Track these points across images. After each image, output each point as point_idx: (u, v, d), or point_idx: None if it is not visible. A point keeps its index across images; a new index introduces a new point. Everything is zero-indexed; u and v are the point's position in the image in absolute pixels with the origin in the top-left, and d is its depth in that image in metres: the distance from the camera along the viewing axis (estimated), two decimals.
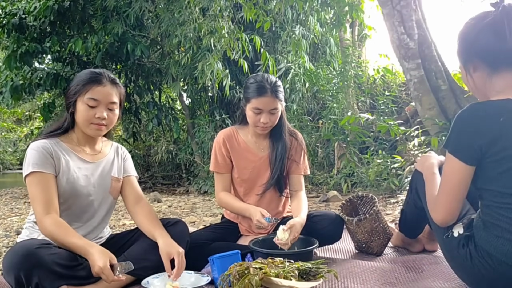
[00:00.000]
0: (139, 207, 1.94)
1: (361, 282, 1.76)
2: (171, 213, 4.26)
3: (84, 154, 1.88)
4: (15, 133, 14.60)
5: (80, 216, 1.85)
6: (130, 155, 2.10)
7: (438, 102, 4.68)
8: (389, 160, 4.42)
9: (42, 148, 1.76)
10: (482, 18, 1.44)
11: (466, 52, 1.49)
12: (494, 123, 1.37)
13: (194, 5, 5.22)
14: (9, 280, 1.60)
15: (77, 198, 1.82)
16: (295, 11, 6.18)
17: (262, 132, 2.19)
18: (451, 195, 1.48)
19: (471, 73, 1.49)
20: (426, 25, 4.88)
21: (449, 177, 1.48)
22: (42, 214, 1.68)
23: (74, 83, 1.82)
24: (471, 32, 1.47)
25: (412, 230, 2.16)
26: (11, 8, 6.49)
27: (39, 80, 6.61)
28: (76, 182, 1.80)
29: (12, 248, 1.65)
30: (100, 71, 1.85)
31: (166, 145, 7.42)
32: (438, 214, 1.54)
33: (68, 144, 1.85)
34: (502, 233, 1.40)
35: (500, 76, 1.43)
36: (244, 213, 2.15)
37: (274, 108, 2.11)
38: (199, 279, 1.77)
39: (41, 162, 1.73)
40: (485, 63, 1.45)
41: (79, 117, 1.81)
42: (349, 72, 5.92)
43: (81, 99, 1.79)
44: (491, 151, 1.38)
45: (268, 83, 2.10)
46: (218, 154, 2.25)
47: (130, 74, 7.22)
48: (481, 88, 1.49)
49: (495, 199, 1.42)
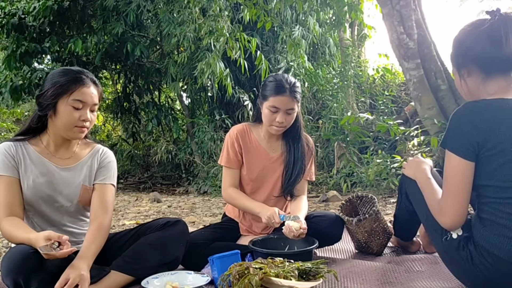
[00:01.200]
0: (94, 223, 1.75)
1: (360, 282, 1.76)
2: (171, 213, 4.26)
3: (53, 159, 1.79)
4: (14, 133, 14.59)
5: (51, 220, 1.80)
6: (113, 163, 1.91)
7: (437, 102, 4.68)
8: (389, 160, 4.42)
9: (5, 151, 1.71)
10: (478, 26, 1.48)
11: (462, 57, 1.53)
12: (489, 117, 1.41)
13: (193, 5, 5.22)
14: (8, 283, 1.57)
15: (42, 204, 1.76)
16: (295, 11, 6.18)
17: (276, 132, 2.17)
18: (457, 195, 1.46)
19: (464, 77, 1.54)
20: (425, 25, 4.88)
21: (453, 176, 1.46)
22: (1, 217, 1.65)
23: (53, 84, 1.70)
24: (467, 38, 1.51)
25: (406, 234, 2.18)
26: (10, 8, 6.48)
27: (38, 80, 6.61)
28: (38, 188, 1.74)
29: (10, 250, 1.61)
30: (79, 69, 1.77)
31: (166, 145, 7.41)
32: (447, 217, 1.49)
33: (36, 148, 1.78)
34: (502, 231, 1.40)
35: (494, 80, 1.48)
36: (253, 210, 2.12)
37: (291, 108, 2.11)
38: (199, 279, 1.77)
39: (3, 165, 1.69)
40: (480, 68, 1.49)
41: (62, 120, 1.71)
42: (349, 71, 5.92)
43: (64, 101, 1.69)
44: (488, 145, 1.40)
45: (287, 83, 2.10)
46: (231, 149, 2.23)
47: (129, 74, 7.23)
48: (474, 92, 1.53)
49: (494, 195, 1.43)
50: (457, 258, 1.51)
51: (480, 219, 1.48)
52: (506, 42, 1.42)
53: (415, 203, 1.80)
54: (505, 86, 1.47)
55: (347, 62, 6.07)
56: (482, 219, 1.47)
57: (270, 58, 6.41)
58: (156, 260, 1.79)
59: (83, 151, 1.88)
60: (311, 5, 5.47)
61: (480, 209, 1.49)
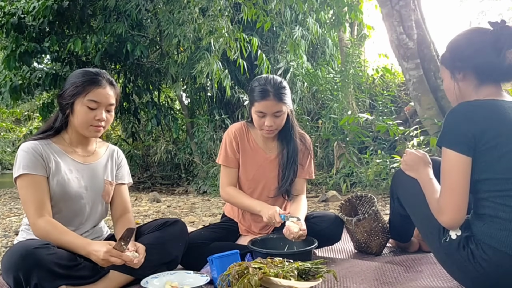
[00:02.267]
0: (123, 218, 1.92)
1: (360, 282, 1.76)
2: (170, 213, 4.26)
3: (76, 156, 1.85)
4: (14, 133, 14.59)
5: (71, 219, 1.82)
6: (126, 161, 2.05)
7: (437, 102, 4.68)
8: (388, 160, 4.42)
9: (33, 150, 1.73)
10: (482, 34, 1.52)
11: (461, 62, 1.55)
12: (484, 113, 1.45)
13: (193, 5, 5.21)
14: (8, 280, 1.60)
15: (68, 201, 1.79)
16: (294, 11, 6.18)
17: (267, 135, 2.17)
18: (455, 192, 1.45)
19: (458, 80, 1.57)
20: (425, 25, 4.88)
21: (450, 172, 1.46)
22: (35, 216, 1.67)
23: (71, 84, 1.77)
24: (471, 45, 1.54)
25: (402, 237, 2.18)
26: (10, 8, 6.47)
27: (38, 80, 6.61)
28: (67, 185, 1.77)
29: (11, 248, 1.64)
30: (97, 71, 1.82)
31: (165, 145, 7.41)
32: (446, 215, 1.47)
33: (60, 146, 1.82)
34: (504, 225, 1.40)
35: (486, 87, 1.53)
36: (254, 208, 2.12)
37: (278, 111, 2.09)
38: (198, 279, 1.77)
39: (32, 163, 1.71)
40: (477, 75, 1.53)
41: (78, 119, 1.77)
42: (349, 71, 5.92)
43: (80, 101, 1.75)
44: (484, 139, 1.41)
45: (271, 86, 2.07)
46: (229, 147, 2.22)
47: (129, 74, 7.22)
48: (464, 95, 1.57)
49: (493, 188, 1.43)
50: (458, 259, 1.49)
51: (478, 216, 1.48)
52: (506, 54, 1.47)
53: (408, 208, 1.81)
54: (495, 92, 1.52)
55: (347, 62, 6.07)
56: (481, 216, 1.47)
57: (270, 58, 6.41)
58: (155, 260, 1.79)
59: (101, 149, 1.97)
60: (311, 5, 5.46)
61: (478, 205, 1.49)
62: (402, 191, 1.86)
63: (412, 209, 1.76)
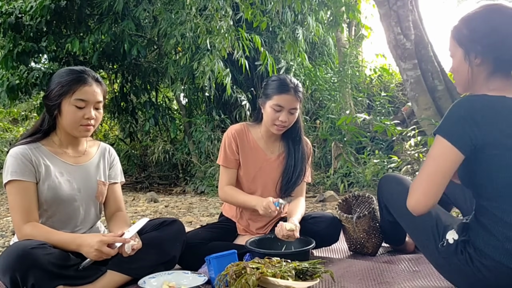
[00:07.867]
0: (116, 216, 1.93)
1: (357, 282, 1.76)
2: (168, 213, 4.25)
3: (67, 157, 1.83)
4: (11, 133, 14.54)
5: (66, 223, 1.81)
6: (118, 159, 2.03)
7: (434, 102, 4.69)
8: (386, 160, 4.43)
9: (21, 155, 1.70)
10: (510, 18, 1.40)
11: (483, 47, 1.40)
12: (489, 114, 1.35)
13: (191, 5, 5.20)
14: (5, 281, 1.59)
15: (61, 205, 1.77)
16: (293, 11, 6.17)
17: (277, 132, 2.17)
18: (432, 178, 1.36)
19: (472, 62, 1.42)
20: (422, 26, 4.89)
21: (435, 158, 1.37)
22: (20, 223, 1.66)
23: (56, 84, 1.73)
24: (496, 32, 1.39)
25: (395, 241, 2.19)
26: (7, 8, 6.45)
27: (35, 80, 6.58)
28: (58, 188, 1.75)
29: (7, 249, 1.63)
30: (81, 69, 1.79)
31: (163, 145, 7.39)
32: (412, 197, 1.39)
33: (49, 148, 1.80)
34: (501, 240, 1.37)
35: (498, 78, 1.41)
36: (249, 203, 2.12)
37: (294, 107, 2.12)
38: (196, 279, 1.77)
39: (20, 170, 1.68)
40: (495, 63, 1.41)
41: (67, 119, 1.74)
42: (347, 71, 5.92)
43: (67, 101, 1.72)
44: (486, 141, 1.33)
45: (291, 82, 2.12)
46: (228, 148, 2.22)
47: (126, 74, 7.21)
48: (474, 82, 1.45)
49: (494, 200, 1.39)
50: (456, 263, 1.45)
51: (478, 222, 1.44)
52: None
53: (398, 217, 1.79)
54: (507, 84, 1.41)
55: (345, 62, 6.07)
56: (482, 224, 1.42)
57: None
58: (153, 259, 1.79)
59: (92, 148, 1.93)
60: (309, 5, 5.47)
61: (479, 212, 1.44)
62: (388, 199, 1.86)
63: (402, 219, 1.74)
